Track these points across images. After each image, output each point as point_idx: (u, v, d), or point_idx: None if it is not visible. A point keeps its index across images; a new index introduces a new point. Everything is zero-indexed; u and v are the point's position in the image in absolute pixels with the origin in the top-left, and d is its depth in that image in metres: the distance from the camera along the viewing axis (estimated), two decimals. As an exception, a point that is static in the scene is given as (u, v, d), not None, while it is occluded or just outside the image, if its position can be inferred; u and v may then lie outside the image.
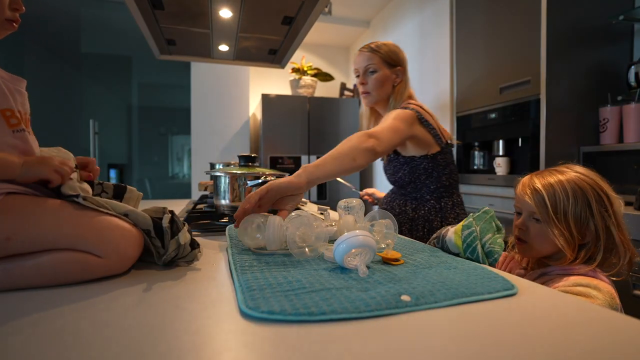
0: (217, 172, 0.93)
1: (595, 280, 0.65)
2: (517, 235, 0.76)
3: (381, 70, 1.18)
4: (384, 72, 1.19)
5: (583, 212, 0.68)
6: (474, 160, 2.15)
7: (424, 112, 1.14)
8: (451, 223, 1.12)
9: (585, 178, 0.70)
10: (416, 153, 1.16)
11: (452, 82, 2.31)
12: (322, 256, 0.59)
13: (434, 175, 1.17)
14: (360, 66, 1.21)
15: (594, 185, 0.69)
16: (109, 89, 4.21)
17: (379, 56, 1.18)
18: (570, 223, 0.68)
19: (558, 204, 0.69)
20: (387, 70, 1.19)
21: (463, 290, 0.44)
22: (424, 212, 1.17)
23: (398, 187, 1.26)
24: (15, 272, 0.45)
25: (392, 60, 1.19)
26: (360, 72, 1.22)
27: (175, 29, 1.38)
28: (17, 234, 0.46)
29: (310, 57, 3.88)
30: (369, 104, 1.25)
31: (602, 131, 1.60)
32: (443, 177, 1.18)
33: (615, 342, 0.33)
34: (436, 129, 1.15)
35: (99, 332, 0.34)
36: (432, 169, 1.16)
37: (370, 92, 1.21)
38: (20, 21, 0.57)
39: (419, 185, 1.18)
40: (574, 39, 1.63)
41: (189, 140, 3.31)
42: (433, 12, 2.61)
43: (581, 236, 0.69)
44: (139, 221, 0.53)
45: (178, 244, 0.54)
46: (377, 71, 1.18)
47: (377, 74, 1.18)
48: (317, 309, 0.37)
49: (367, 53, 1.20)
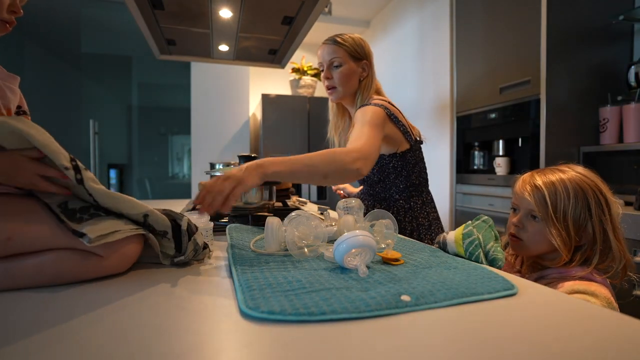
0: (217, 172, 0.93)
1: (593, 286, 0.64)
2: (513, 232, 0.75)
3: (347, 64, 1.12)
4: (350, 66, 1.12)
5: (582, 214, 0.67)
6: (474, 160, 2.15)
7: (392, 108, 1.09)
8: (422, 223, 1.11)
9: (586, 179, 0.69)
10: (385, 152, 1.11)
11: (452, 82, 2.31)
12: (322, 256, 0.59)
13: (404, 174, 1.12)
14: (325, 60, 1.14)
15: (594, 187, 0.68)
16: (109, 89, 4.22)
17: (344, 49, 1.11)
18: (569, 223, 0.67)
19: (559, 203, 0.68)
20: (353, 64, 1.12)
21: (463, 290, 0.44)
22: (392, 213, 1.12)
23: (367, 186, 1.21)
24: (15, 272, 0.45)
25: (357, 53, 1.13)
26: (324, 66, 1.15)
27: (175, 29, 1.38)
28: (18, 233, 0.46)
29: (310, 57, 3.88)
30: (335, 99, 1.18)
31: (602, 131, 1.60)
32: (412, 176, 1.13)
33: (615, 342, 0.33)
34: (406, 125, 1.11)
35: (99, 332, 0.34)
36: (402, 168, 1.12)
37: (337, 87, 1.14)
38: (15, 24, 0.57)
39: (388, 184, 1.14)
40: (574, 39, 1.63)
41: (189, 140, 3.31)
42: (433, 12, 2.61)
43: (578, 238, 0.68)
44: (158, 223, 0.54)
45: (195, 244, 0.57)
46: (342, 65, 1.12)
47: (342, 67, 1.12)
48: (317, 309, 0.37)
49: (332, 46, 1.12)
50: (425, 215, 1.14)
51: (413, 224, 1.12)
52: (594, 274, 0.66)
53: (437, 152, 2.49)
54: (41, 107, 3.44)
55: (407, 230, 1.12)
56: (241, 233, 0.75)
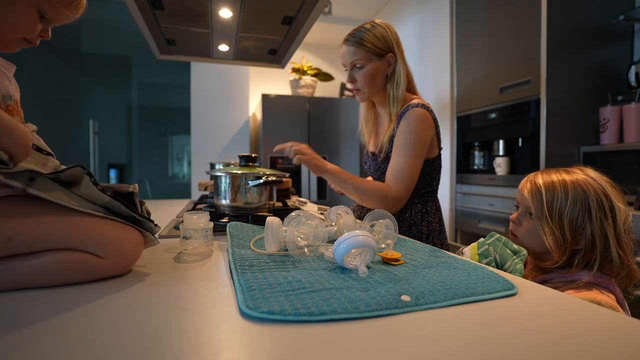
0: (217, 172, 0.93)
1: (599, 296, 0.62)
2: (510, 229, 0.76)
3: (369, 64, 1.06)
4: (373, 66, 1.06)
5: (580, 216, 0.65)
6: (474, 160, 2.15)
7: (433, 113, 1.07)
8: (434, 228, 1.12)
9: (592, 182, 0.67)
10: None
11: (452, 82, 2.31)
12: (322, 256, 0.59)
13: (427, 180, 1.11)
14: (347, 61, 1.09)
15: (600, 191, 0.66)
16: (109, 89, 4.21)
17: (364, 49, 1.05)
18: (564, 224, 0.66)
19: (555, 203, 0.67)
20: (377, 62, 1.06)
21: (463, 290, 0.44)
22: (409, 215, 1.10)
23: None
24: (16, 272, 0.45)
25: (379, 50, 1.05)
26: (347, 68, 1.10)
27: (175, 29, 1.38)
28: (19, 234, 0.45)
29: (310, 57, 3.88)
30: (362, 100, 1.15)
31: (602, 131, 1.60)
32: (434, 182, 1.13)
33: (615, 342, 0.33)
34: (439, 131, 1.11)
35: (99, 332, 0.34)
36: (427, 174, 1.10)
37: (361, 89, 1.10)
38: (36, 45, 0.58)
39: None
40: (574, 39, 1.63)
41: (189, 140, 3.31)
42: (433, 12, 2.61)
43: (576, 241, 0.66)
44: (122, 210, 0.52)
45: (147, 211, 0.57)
46: (364, 66, 1.06)
47: (365, 69, 1.06)
48: (317, 309, 0.37)
49: (352, 47, 1.06)
50: (437, 220, 1.13)
51: (429, 228, 1.11)
52: (600, 277, 0.64)
53: (437, 152, 2.49)
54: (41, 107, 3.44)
55: (424, 234, 1.10)
56: (241, 232, 0.75)
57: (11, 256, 0.46)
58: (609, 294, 0.64)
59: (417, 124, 1.02)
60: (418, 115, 1.02)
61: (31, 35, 0.55)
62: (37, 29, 0.55)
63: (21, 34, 0.55)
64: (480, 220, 2.04)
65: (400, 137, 1.03)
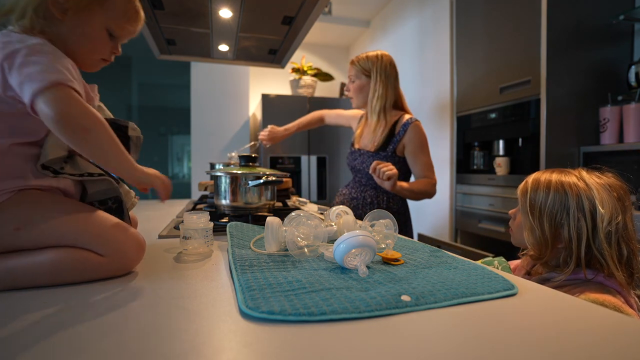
0: (218, 172, 0.93)
1: (603, 297, 0.61)
2: (509, 223, 0.81)
3: (358, 80, 1.43)
4: (360, 82, 1.43)
5: (559, 214, 0.67)
6: (474, 160, 2.15)
7: None
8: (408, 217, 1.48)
9: (580, 184, 0.67)
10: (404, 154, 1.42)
11: (452, 82, 2.31)
12: (322, 256, 0.59)
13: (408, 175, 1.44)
14: (348, 76, 1.48)
15: (585, 191, 0.66)
16: (109, 89, 4.21)
17: (356, 68, 1.42)
18: (544, 221, 0.68)
19: (536, 199, 0.70)
20: (364, 79, 1.42)
21: (463, 290, 0.44)
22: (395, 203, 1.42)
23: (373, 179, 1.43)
24: (16, 271, 0.46)
25: (365, 71, 1.41)
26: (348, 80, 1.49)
27: (175, 29, 1.38)
28: (27, 225, 0.47)
29: (310, 57, 3.88)
30: (354, 106, 1.53)
31: (602, 131, 1.60)
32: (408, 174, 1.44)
33: (615, 342, 0.33)
34: None
35: (99, 332, 0.34)
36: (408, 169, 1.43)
37: (352, 97, 1.48)
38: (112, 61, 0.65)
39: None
40: (574, 39, 1.62)
41: (189, 140, 3.30)
42: (433, 12, 2.61)
43: (555, 238, 0.68)
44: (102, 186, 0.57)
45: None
46: (354, 81, 1.44)
47: (355, 83, 1.44)
48: (317, 309, 0.37)
49: (350, 65, 1.45)
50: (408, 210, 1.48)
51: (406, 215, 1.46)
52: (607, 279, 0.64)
53: (437, 152, 2.49)
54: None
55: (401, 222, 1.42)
56: (241, 232, 0.75)
57: (13, 254, 0.46)
58: (615, 294, 0.63)
59: (422, 134, 1.39)
60: (420, 127, 1.40)
61: (106, 54, 0.62)
62: (109, 47, 0.61)
63: (99, 55, 0.61)
64: (480, 220, 2.04)
65: (416, 144, 1.38)
